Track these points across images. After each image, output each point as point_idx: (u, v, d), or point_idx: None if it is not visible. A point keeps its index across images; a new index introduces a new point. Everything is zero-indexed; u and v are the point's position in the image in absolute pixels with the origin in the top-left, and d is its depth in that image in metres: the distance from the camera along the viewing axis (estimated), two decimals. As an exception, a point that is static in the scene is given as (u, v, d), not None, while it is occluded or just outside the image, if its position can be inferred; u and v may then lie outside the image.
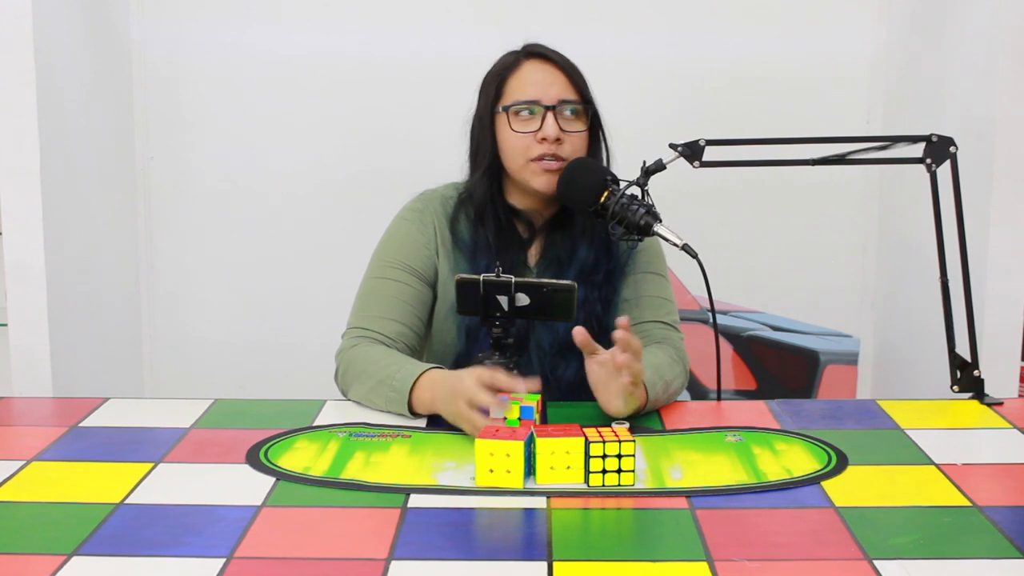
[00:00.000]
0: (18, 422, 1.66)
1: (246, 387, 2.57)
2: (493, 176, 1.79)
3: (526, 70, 1.76)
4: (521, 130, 1.73)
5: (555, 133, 1.71)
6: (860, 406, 1.71)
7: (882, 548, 1.15)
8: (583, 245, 1.78)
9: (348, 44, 2.58)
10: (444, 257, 1.79)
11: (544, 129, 1.71)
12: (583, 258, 1.78)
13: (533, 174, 1.73)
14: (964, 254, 1.69)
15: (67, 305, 2.18)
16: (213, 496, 1.31)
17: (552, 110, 1.71)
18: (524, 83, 1.75)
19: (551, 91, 1.73)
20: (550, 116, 1.71)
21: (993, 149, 2.02)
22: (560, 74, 1.75)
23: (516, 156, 1.74)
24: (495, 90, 1.77)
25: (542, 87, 1.73)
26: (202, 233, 2.64)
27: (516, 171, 1.75)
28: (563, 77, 1.74)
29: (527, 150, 1.72)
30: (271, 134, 2.60)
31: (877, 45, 2.56)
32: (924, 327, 2.17)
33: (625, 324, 1.49)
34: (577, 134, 1.74)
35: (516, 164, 1.75)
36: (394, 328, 1.73)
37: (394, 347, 1.71)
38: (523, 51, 1.78)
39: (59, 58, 2.17)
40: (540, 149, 1.71)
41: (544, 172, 1.72)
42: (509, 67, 1.77)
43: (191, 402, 1.67)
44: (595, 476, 1.33)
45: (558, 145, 1.71)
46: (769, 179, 2.52)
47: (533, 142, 1.72)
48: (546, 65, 1.76)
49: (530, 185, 1.75)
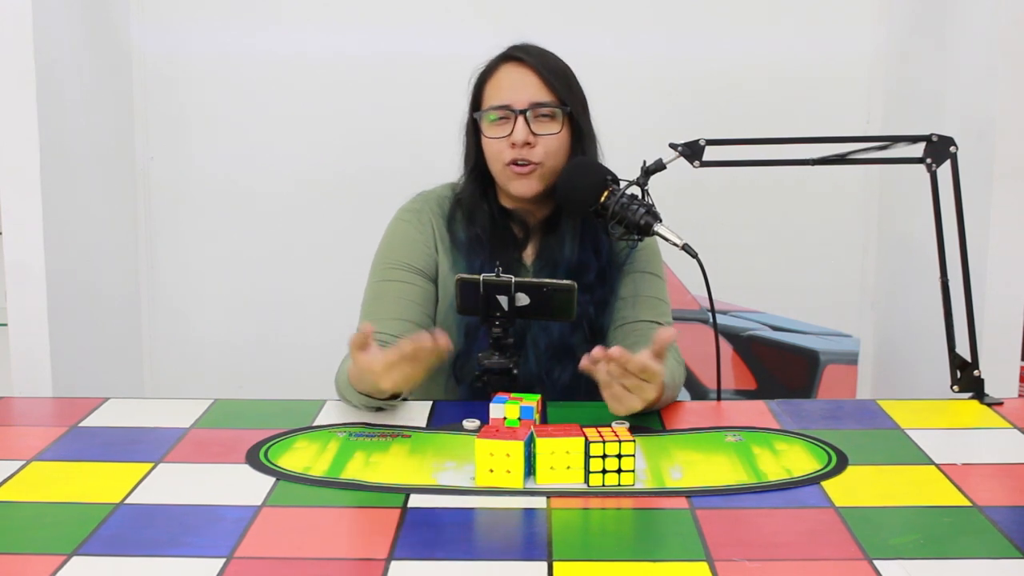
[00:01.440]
0: (18, 422, 1.66)
1: (246, 387, 2.57)
2: (479, 179, 1.80)
3: (501, 74, 1.77)
4: (494, 135, 1.74)
5: (523, 138, 1.71)
6: (860, 406, 1.71)
7: (882, 548, 1.15)
8: (582, 247, 1.78)
9: (348, 44, 2.58)
10: (443, 256, 1.79)
11: (513, 134, 1.71)
12: (579, 259, 1.78)
13: (508, 178, 1.75)
14: (964, 254, 1.69)
15: (67, 305, 2.18)
16: (213, 496, 1.31)
17: (523, 114, 1.72)
18: (498, 88, 1.75)
19: (522, 95, 1.73)
20: (520, 120, 1.71)
21: (993, 149, 2.02)
22: (534, 76, 1.74)
23: (493, 161, 1.76)
24: (475, 95, 1.79)
25: (514, 91, 1.73)
26: (202, 233, 2.64)
27: (496, 175, 1.77)
28: (536, 79, 1.74)
29: (501, 155, 1.73)
30: (271, 134, 2.60)
31: (877, 45, 2.56)
32: (924, 327, 2.17)
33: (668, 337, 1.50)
34: (551, 136, 1.73)
35: (495, 169, 1.76)
36: (402, 327, 1.73)
37: None
38: (503, 54, 1.79)
39: (59, 58, 2.17)
40: (512, 154, 1.72)
41: (517, 176, 1.73)
42: (488, 72, 1.78)
43: (191, 402, 1.67)
44: (595, 476, 1.33)
45: (529, 149, 1.72)
46: (769, 179, 2.52)
47: (506, 147, 1.73)
48: (520, 68, 1.75)
49: (508, 189, 1.76)
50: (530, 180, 1.73)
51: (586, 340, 1.77)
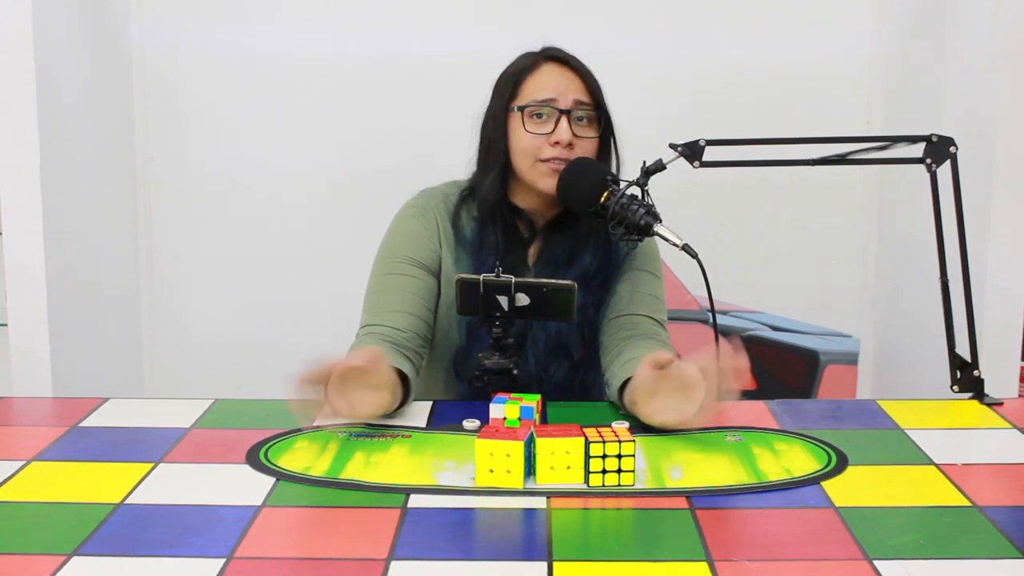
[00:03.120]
0: (18, 422, 1.66)
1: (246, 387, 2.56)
2: (503, 175, 1.79)
3: (544, 72, 1.77)
4: (534, 131, 1.74)
5: (568, 137, 1.71)
6: (860, 406, 1.71)
7: (882, 548, 1.15)
8: (585, 249, 1.78)
9: (348, 44, 2.58)
10: (447, 252, 1.79)
11: (557, 132, 1.72)
12: (582, 261, 1.78)
13: (541, 174, 1.74)
14: (964, 254, 1.69)
15: (67, 305, 2.18)
16: (213, 496, 1.31)
17: (567, 114, 1.72)
18: (541, 84, 1.75)
19: (567, 94, 1.74)
20: (564, 120, 1.72)
21: (993, 149, 2.02)
22: (577, 78, 1.76)
23: (527, 156, 1.75)
24: (511, 89, 1.77)
25: (559, 89, 1.74)
26: (202, 233, 2.64)
27: (525, 170, 1.76)
28: (580, 82, 1.75)
29: (539, 151, 1.73)
30: (271, 134, 2.60)
31: (877, 45, 2.56)
32: (924, 327, 2.17)
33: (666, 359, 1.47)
34: (588, 140, 1.74)
35: (526, 164, 1.75)
36: (405, 320, 1.73)
37: (404, 338, 1.71)
38: (542, 53, 1.79)
39: (59, 58, 2.16)
40: (551, 152, 1.72)
41: (553, 173, 1.73)
42: (527, 68, 1.78)
43: (191, 402, 1.67)
44: (595, 476, 1.33)
45: (569, 150, 1.72)
46: (769, 179, 2.52)
47: (546, 144, 1.72)
48: (564, 69, 1.77)
49: (536, 185, 1.75)
50: None
51: (584, 339, 1.78)
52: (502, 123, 1.78)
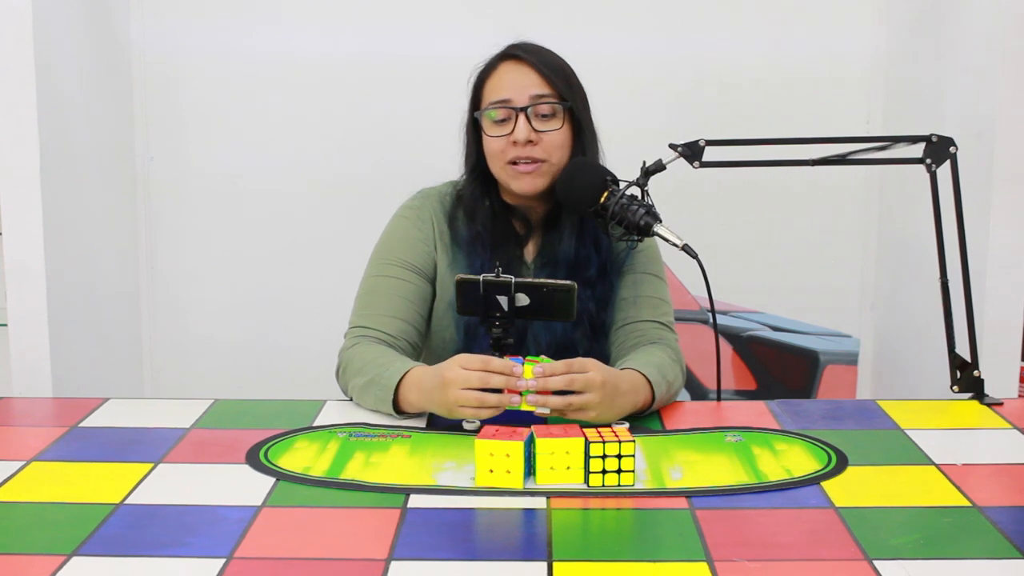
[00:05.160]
0: (18, 422, 1.66)
1: (246, 387, 2.57)
2: (480, 177, 1.80)
3: (500, 72, 1.76)
4: (496, 134, 1.74)
5: (525, 136, 1.71)
6: (860, 406, 1.71)
7: (882, 548, 1.15)
8: (583, 244, 1.78)
9: (347, 44, 2.57)
10: (443, 253, 1.79)
11: (515, 132, 1.71)
12: (580, 257, 1.78)
13: (511, 177, 1.74)
14: (964, 254, 1.69)
15: (67, 305, 2.18)
16: (213, 496, 1.31)
17: (524, 111, 1.71)
18: (498, 85, 1.75)
19: (523, 91, 1.73)
20: (521, 118, 1.71)
21: (993, 149, 2.02)
22: (534, 73, 1.74)
23: (496, 159, 1.75)
24: (474, 94, 1.79)
25: (515, 88, 1.73)
26: (202, 233, 2.64)
27: (497, 174, 1.77)
28: (537, 76, 1.74)
29: (503, 153, 1.73)
30: (271, 134, 2.60)
31: (877, 45, 2.56)
32: (924, 327, 2.17)
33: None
34: (553, 132, 1.73)
35: (496, 167, 1.76)
36: (396, 325, 1.73)
37: (396, 344, 1.72)
38: (501, 53, 1.78)
39: (59, 58, 2.16)
40: (514, 152, 1.72)
41: (521, 175, 1.73)
42: (487, 70, 1.78)
43: (191, 402, 1.67)
44: (595, 476, 1.33)
45: (531, 147, 1.71)
46: (769, 179, 2.52)
47: (507, 145, 1.72)
48: (520, 65, 1.75)
49: (510, 188, 1.76)
50: (534, 178, 1.73)
51: (587, 336, 1.77)
52: (473, 128, 1.79)
